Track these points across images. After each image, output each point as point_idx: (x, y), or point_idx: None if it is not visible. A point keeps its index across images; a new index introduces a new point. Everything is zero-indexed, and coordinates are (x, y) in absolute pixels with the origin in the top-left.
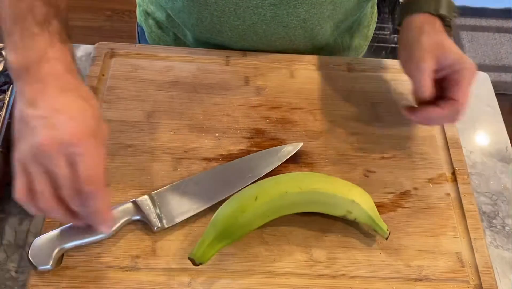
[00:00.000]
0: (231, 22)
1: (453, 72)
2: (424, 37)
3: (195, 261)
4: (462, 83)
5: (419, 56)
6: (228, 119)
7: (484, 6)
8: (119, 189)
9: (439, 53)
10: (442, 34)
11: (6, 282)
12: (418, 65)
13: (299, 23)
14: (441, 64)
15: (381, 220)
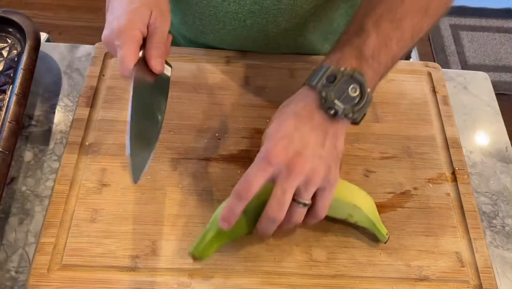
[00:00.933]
0: (212, 25)
1: None
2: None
3: (196, 257)
4: None
5: None
6: (228, 119)
7: (484, 6)
8: (118, 189)
9: (266, 131)
10: (285, 112)
11: (6, 282)
12: None
13: (280, 32)
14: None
15: (381, 225)
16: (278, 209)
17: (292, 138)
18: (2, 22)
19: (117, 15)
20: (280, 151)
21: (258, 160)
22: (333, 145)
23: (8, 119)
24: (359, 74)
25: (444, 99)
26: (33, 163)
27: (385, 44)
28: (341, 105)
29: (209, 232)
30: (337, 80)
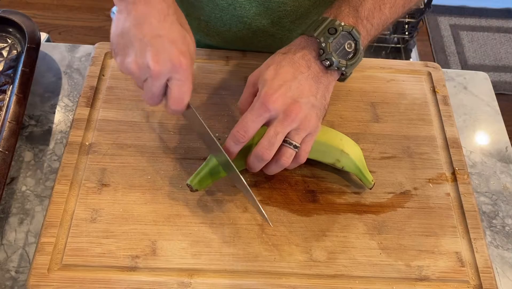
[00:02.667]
0: (217, 28)
1: None
2: (272, 55)
3: (192, 188)
4: (247, 110)
5: (257, 69)
6: (228, 119)
7: (484, 6)
8: (119, 189)
9: (261, 71)
10: (284, 59)
11: (6, 282)
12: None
13: (285, 33)
14: (258, 84)
15: (367, 171)
16: (268, 148)
17: (289, 86)
18: (2, 22)
19: (174, 44)
20: (278, 98)
21: (256, 105)
22: (323, 95)
23: (8, 119)
24: (356, 32)
25: (444, 99)
26: (33, 163)
27: (379, 8)
28: (336, 58)
29: (205, 167)
30: (337, 34)
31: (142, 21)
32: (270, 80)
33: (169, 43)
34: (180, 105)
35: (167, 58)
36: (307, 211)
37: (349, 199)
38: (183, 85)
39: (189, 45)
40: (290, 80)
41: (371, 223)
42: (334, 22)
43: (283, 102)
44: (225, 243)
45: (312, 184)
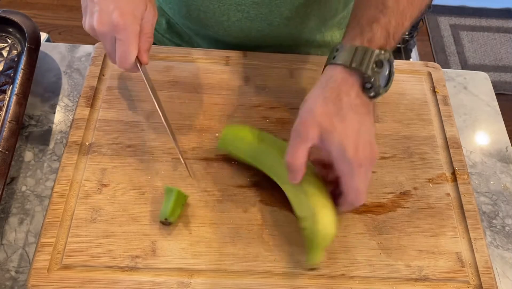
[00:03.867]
0: (216, 18)
1: (335, 162)
2: (319, 99)
3: (167, 221)
4: (347, 180)
5: (304, 120)
6: (228, 119)
7: (484, 6)
8: (119, 189)
9: (324, 128)
10: (343, 106)
11: (6, 282)
12: (298, 128)
13: (283, 21)
14: (322, 144)
15: (319, 251)
16: (363, 197)
17: (363, 135)
18: (2, 22)
19: (117, 4)
20: (363, 150)
21: (355, 171)
22: (372, 122)
23: (8, 119)
24: (392, 56)
25: (444, 99)
26: (33, 163)
27: (402, 23)
28: (383, 90)
29: (167, 198)
30: (383, 66)
31: None
32: (346, 140)
33: (113, 3)
34: (124, 64)
35: (109, 18)
36: None
37: None
38: (123, 45)
39: (139, 6)
40: (361, 126)
41: (371, 223)
42: (379, 54)
43: (369, 153)
44: (225, 243)
45: None
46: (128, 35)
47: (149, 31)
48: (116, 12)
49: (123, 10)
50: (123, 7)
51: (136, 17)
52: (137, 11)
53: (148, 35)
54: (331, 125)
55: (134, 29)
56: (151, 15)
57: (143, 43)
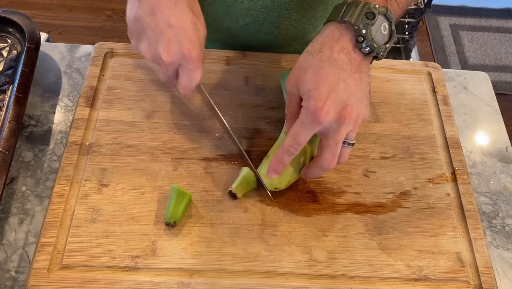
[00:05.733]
0: (225, 22)
1: None
2: (303, 54)
3: (170, 222)
4: (294, 123)
5: (289, 74)
6: (228, 119)
7: (484, 6)
8: (118, 189)
9: (298, 79)
10: (322, 58)
11: (6, 282)
12: (286, 81)
13: (291, 23)
14: (300, 92)
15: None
16: (332, 159)
17: (337, 91)
18: (2, 22)
19: (185, 34)
20: (329, 109)
21: (307, 120)
22: (367, 82)
23: (8, 119)
24: (390, 13)
25: (444, 99)
26: (33, 163)
27: None
28: (377, 44)
29: (170, 200)
30: (375, 18)
31: (155, 9)
32: (314, 90)
33: (180, 33)
34: (187, 90)
35: (178, 49)
36: (307, 211)
37: (349, 199)
38: (191, 73)
39: (199, 32)
40: (336, 84)
41: (371, 223)
42: (369, 5)
43: (334, 111)
44: (225, 243)
45: (312, 184)
46: (196, 64)
47: (204, 53)
48: (186, 43)
49: (191, 39)
50: (191, 36)
51: (202, 45)
52: (202, 38)
53: (204, 56)
54: (304, 77)
55: (201, 57)
56: (204, 36)
57: None
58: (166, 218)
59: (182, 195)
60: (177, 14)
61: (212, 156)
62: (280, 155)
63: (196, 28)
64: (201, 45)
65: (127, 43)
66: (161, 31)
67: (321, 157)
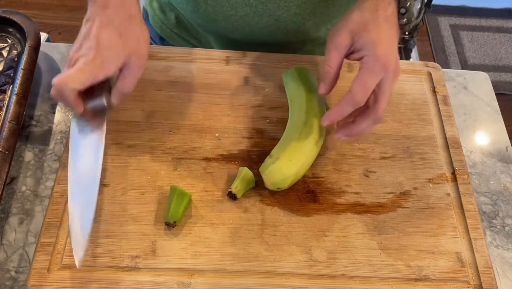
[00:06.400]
0: (224, 12)
1: (361, 58)
2: (356, 11)
3: (170, 222)
4: (359, 73)
5: (337, 28)
6: (228, 119)
7: (484, 6)
8: (118, 189)
9: (356, 31)
10: (378, 16)
11: (6, 282)
12: (331, 36)
13: (290, 17)
14: (354, 45)
15: None
16: (385, 106)
17: (394, 45)
18: (2, 22)
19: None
20: (393, 59)
21: (376, 67)
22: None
23: (8, 119)
24: None
25: (444, 99)
26: (33, 163)
27: None
28: (414, 19)
29: (170, 199)
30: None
31: None
32: (379, 41)
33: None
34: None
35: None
36: (307, 211)
37: (349, 199)
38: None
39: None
40: (393, 39)
41: (371, 223)
42: None
43: (395, 62)
44: (225, 243)
45: (312, 184)
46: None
47: (131, 80)
48: (102, 54)
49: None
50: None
51: (112, 66)
52: (115, 62)
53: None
54: (365, 29)
55: (105, 75)
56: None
57: (123, 88)
58: (166, 218)
59: (182, 195)
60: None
61: (212, 156)
62: (344, 106)
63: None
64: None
65: None
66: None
67: (378, 108)
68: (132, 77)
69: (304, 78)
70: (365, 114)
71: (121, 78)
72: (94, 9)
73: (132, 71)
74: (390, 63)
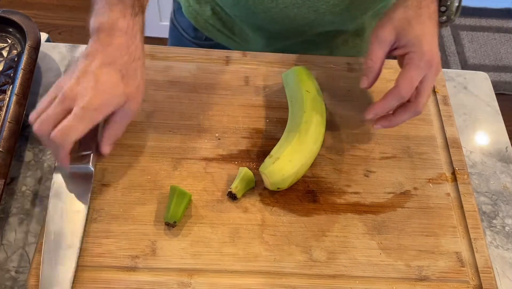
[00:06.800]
0: (265, 4)
1: (406, 54)
2: (400, 8)
3: (170, 222)
4: (404, 68)
5: (382, 24)
6: (228, 119)
7: (484, 6)
8: (118, 189)
9: (401, 28)
10: (422, 13)
11: (6, 282)
12: (375, 32)
13: (329, 8)
14: (398, 41)
15: None
16: (427, 101)
17: (436, 41)
18: (2, 22)
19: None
20: (436, 55)
21: (422, 63)
22: None
23: (8, 119)
24: None
25: (444, 99)
26: (33, 163)
27: None
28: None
29: (170, 199)
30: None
31: None
32: (424, 38)
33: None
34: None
35: None
36: (307, 211)
37: (349, 199)
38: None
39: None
40: (435, 36)
41: (371, 223)
42: None
43: (438, 58)
44: (225, 243)
45: (312, 184)
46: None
47: (118, 127)
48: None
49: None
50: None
51: (108, 107)
52: (112, 102)
53: (117, 128)
54: (410, 26)
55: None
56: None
57: (109, 133)
58: (166, 218)
59: (182, 195)
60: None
61: (212, 156)
62: (390, 100)
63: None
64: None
65: None
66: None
67: (421, 99)
68: (125, 123)
69: (304, 78)
70: (406, 107)
71: (112, 123)
72: (96, 45)
73: (126, 116)
74: (434, 60)
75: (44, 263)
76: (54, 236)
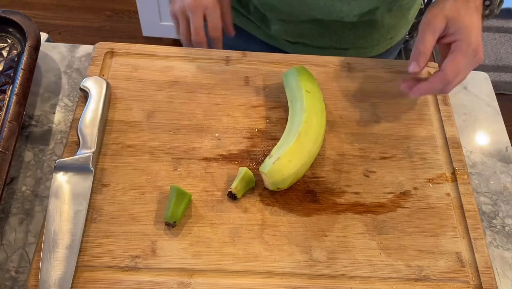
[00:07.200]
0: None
1: (453, 42)
2: (449, 0)
3: (170, 222)
4: (452, 55)
5: (433, 13)
6: (228, 119)
7: None
8: (118, 189)
9: (451, 17)
10: (470, 6)
11: (6, 282)
12: (427, 20)
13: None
14: (447, 29)
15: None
16: (456, 74)
17: (481, 32)
18: (2, 22)
19: None
20: (481, 45)
21: (470, 51)
22: None
23: (8, 119)
24: None
25: (444, 99)
26: (33, 163)
27: None
28: (498, 10)
29: (170, 198)
30: None
31: None
32: (472, 29)
33: None
34: (217, 32)
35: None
36: (307, 211)
37: (349, 199)
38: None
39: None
40: (480, 28)
41: (371, 223)
42: None
43: (481, 49)
44: (225, 243)
45: (312, 184)
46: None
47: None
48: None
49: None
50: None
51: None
52: None
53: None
54: (459, 16)
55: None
56: None
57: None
58: (166, 218)
59: (182, 195)
60: None
61: (212, 156)
62: (435, 82)
63: None
64: None
65: (127, 43)
66: None
67: (447, 70)
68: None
69: (304, 78)
70: (439, 78)
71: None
72: None
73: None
74: (479, 49)
75: (44, 263)
76: (54, 236)
